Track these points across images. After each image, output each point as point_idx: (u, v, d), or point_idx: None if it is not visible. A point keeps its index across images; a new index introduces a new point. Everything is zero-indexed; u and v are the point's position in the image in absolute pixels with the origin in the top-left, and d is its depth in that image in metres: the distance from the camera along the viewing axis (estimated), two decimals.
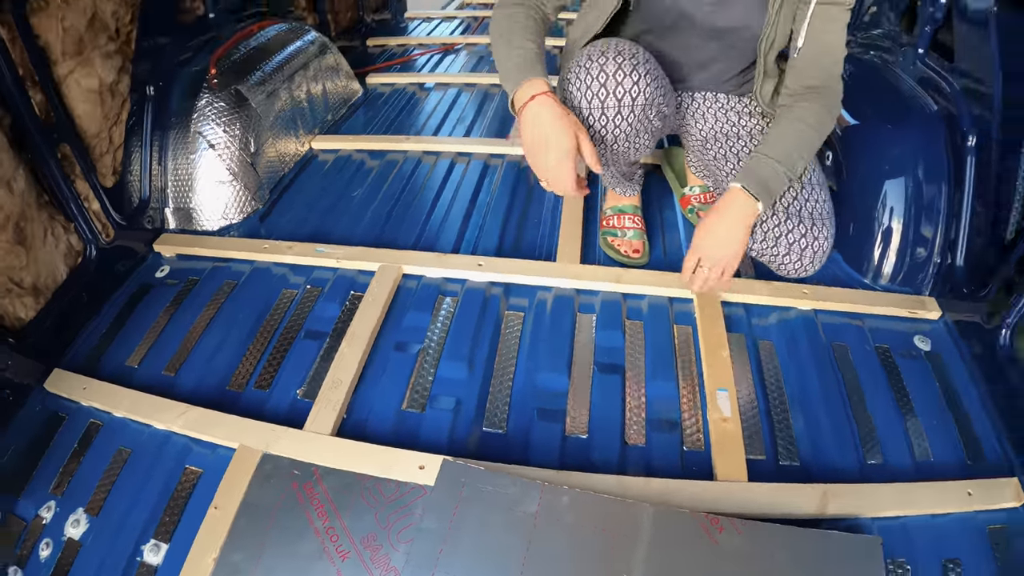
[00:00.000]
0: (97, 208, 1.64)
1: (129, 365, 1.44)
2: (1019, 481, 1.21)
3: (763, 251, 1.39)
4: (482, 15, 3.99)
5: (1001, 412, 1.34)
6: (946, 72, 1.71)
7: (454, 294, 1.54)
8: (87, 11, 1.61)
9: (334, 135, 2.34)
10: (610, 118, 1.28)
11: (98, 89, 1.65)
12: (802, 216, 1.34)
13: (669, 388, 1.33)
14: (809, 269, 1.40)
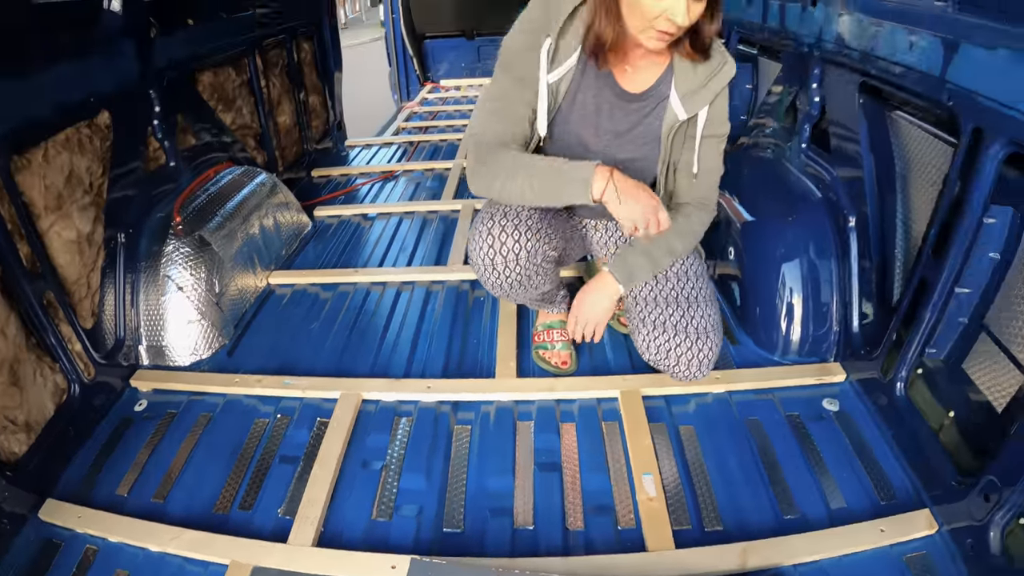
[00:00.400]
0: (79, 349, 1.82)
1: (119, 494, 1.57)
2: (930, 511, 1.41)
3: (657, 362, 1.67)
4: (417, 139, 4.37)
5: (906, 452, 1.56)
6: (825, 162, 2.04)
7: (408, 414, 1.77)
8: (64, 168, 1.83)
9: (289, 270, 2.58)
10: (500, 271, 1.58)
11: (76, 240, 1.86)
12: (688, 331, 1.63)
13: (601, 478, 1.56)
14: (697, 375, 1.67)
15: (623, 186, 1.38)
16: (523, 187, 1.45)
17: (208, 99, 2.74)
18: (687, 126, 1.55)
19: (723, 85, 1.50)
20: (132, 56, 2.15)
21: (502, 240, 1.55)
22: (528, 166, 1.45)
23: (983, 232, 1.42)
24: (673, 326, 1.63)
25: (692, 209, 1.62)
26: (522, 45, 1.47)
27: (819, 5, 2.04)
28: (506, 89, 1.51)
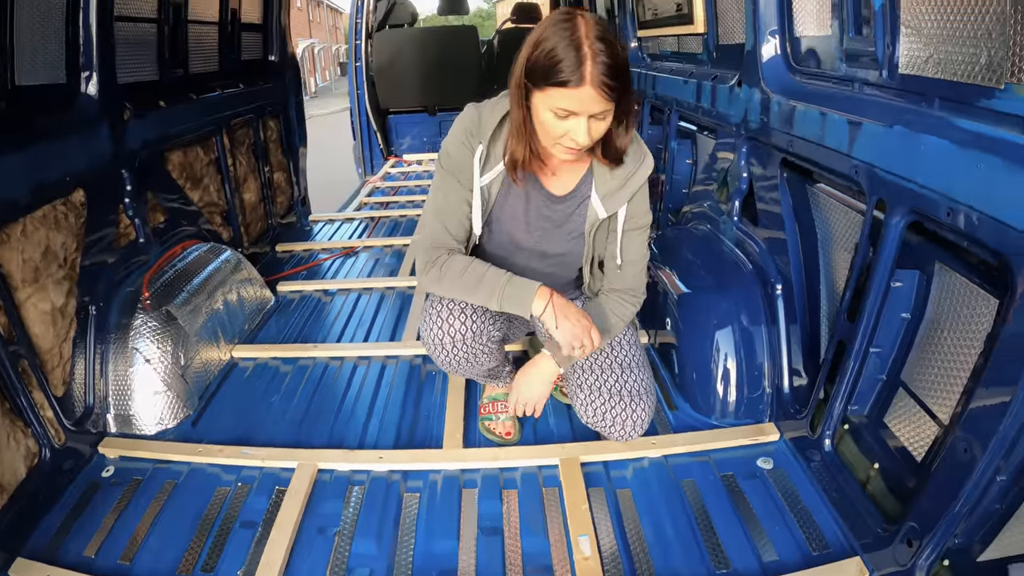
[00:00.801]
0: (51, 415, 1.92)
1: (87, 555, 1.65)
2: (861, 559, 1.52)
3: (594, 423, 1.84)
4: (378, 215, 4.57)
5: (836, 504, 1.68)
6: (754, 233, 2.23)
7: (361, 483, 1.89)
8: (41, 243, 1.96)
9: (252, 344, 2.72)
10: (448, 350, 1.76)
11: (51, 311, 1.99)
12: (622, 394, 1.81)
13: (540, 540, 1.69)
14: (632, 435, 1.83)
15: (560, 309, 1.57)
16: (465, 295, 1.64)
17: (177, 178, 2.91)
18: (609, 222, 1.71)
19: (640, 184, 1.66)
20: (107, 138, 2.31)
21: (450, 322, 1.73)
22: (474, 279, 1.61)
23: (892, 295, 1.57)
24: (608, 390, 1.81)
25: (620, 297, 1.81)
26: (458, 150, 1.63)
27: (744, 87, 2.27)
28: (447, 190, 1.68)
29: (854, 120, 1.62)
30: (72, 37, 2.19)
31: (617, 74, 1.35)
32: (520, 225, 1.75)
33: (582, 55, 1.32)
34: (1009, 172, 1.14)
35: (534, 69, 1.39)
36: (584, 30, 1.34)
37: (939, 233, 1.44)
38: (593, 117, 1.39)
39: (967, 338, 1.43)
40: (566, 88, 1.34)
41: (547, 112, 1.41)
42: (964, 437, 1.26)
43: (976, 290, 1.41)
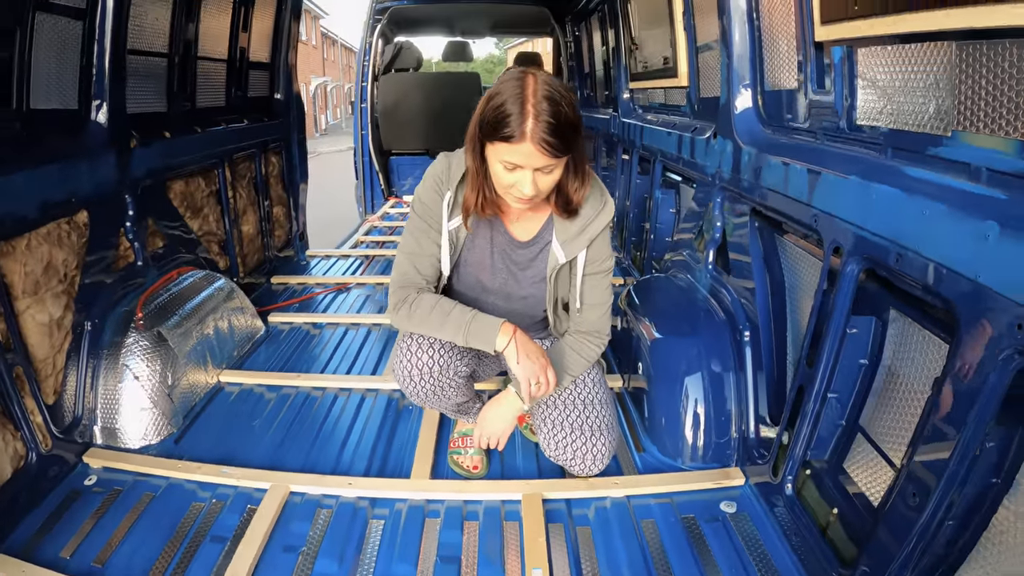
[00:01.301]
0: (40, 421, 2.02)
1: (62, 556, 1.73)
2: None
3: (556, 456, 1.94)
4: (374, 253, 4.69)
5: (795, 549, 1.71)
6: (726, 281, 2.32)
7: (330, 507, 1.98)
8: (44, 258, 2.08)
9: (239, 370, 2.83)
10: (416, 381, 1.85)
11: (48, 323, 2.10)
12: (583, 429, 1.90)
13: (496, 571, 1.73)
14: (593, 469, 1.92)
15: (523, 346, 1.67)
16: (433, 331, 1.75)
17: (178, 206, 3.04)
18: (570, 266, 1.82)
19: (599, 230, 1.75)
20: (113, 164, 2.45)
21: (418, 356, 1.83)
22: (441, 314, 1.72)
23: (848, 341, 1.62)
24: (570, 425, 1.91)
25: (583, 338, 1.90)
26: (429, 196, 1.76)
27: (719, 138, 2.38)
28: (418, 234, 1.80)
29: (814, 170, 1.71)
30: (86, 66, 2.34)
31: (559, 132, 1.43)
32: (486, 268, 1.87)
33: (525, 112, 1.42)
34: (953, 218, 1.18)
35: (485, 122, 1.49)
36: (532, 88, 1.43)
37: (891, 280, 1.48)
38: (539, 171, 1.49)
39: (920, 384, 1.47)
40: (509, 143, 1.45)
41: (497, 163, 1.52)
42: (913, 481, 1.29)
43: (928, 335, 1.45)
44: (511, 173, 1.51)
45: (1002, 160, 1.16)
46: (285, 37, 4.10)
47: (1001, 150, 1.17)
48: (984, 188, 1.18)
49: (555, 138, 1.43)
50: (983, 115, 1.22)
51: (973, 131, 1.25)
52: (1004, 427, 1.14)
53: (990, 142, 1.20)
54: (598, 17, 4.95)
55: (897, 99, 1.50)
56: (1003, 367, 1.07)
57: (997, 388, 1.09)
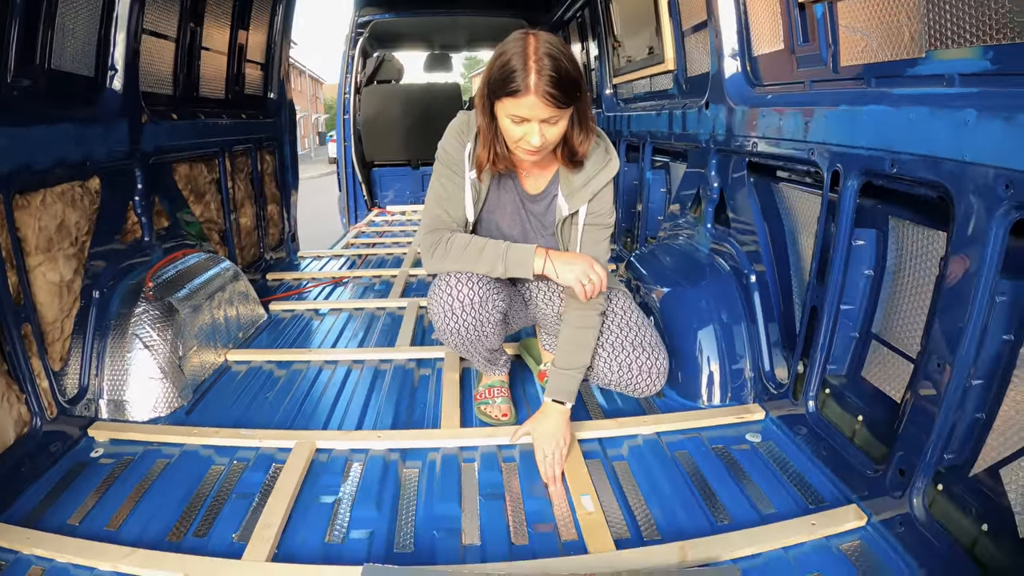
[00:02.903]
0: (46, 386, 1.85)
1: (71, 523, 1.56)
2: (858, 506, 1.53)
3: (619, 379, 1.86)
4: (366, 252, 4.54)
5: (826, 462, 1.71)
6: (728, 235, 2.33)
7: (360, 460, 1.83)
8: (57, 216, 1.96)
9: (246, 349, 2.65)
10: (458, 315, 1.77)
11: (58, 283, 1.95)
12: (644, 346, 1.84)
13: (542, 502, 1.65)
14: (657, 384, 1.87)
15: (558, 258, 1.64)
16: (471, 266, 1.72)
17: (182, 188, 2.91)
18: (573, 218, 1.79)
19: (603, 184, 1.75)
20: (125, 134, 2.36)
21: (458, 289, 1.74)
22: (476, 250, 1.70)
23: (854, 253, 1.68)
24: (631, 343, 1.84)
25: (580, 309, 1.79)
26: (451, 145, 1.76)
27: (711, 106, 2.43)
28: (444, 180, 1.79)
29: (806, 111, 1.80)
30: (104, 36, 2.28)
31: (561, 84, 1.46)
32: (505, 218, 1.88)
33: (528, 68, 1.44)
34: (936, 116, 1.31)
35: (492, 81, 1.52)
36: (533, 46, 1.46)
37: (887, 187, 1.57)
38: (545, 122, 1.51)
39: (925, 277, 1.55)
40: (515, 97, 1.47)
41: (505, 119, 1.54)
42: (935, 353, 1.33)
43: (925, 231, 1.54)
44: (519, 126, 1.53)
45: (970, 64, 1.30)
46: (279, 38, 4.03)
47: (969, 57, 1.31)
48: (959, 88, 1.32)
49: (557, 90, 1.46)
50: (950, 33, 1.36)
51: (943, 48, 1.38)
52: (1010, 280, 1.23)
53: (958, 53, 1.34)
54: (577, 24, 4.96)
55: (875, 36, 1.60)
56: (1000, 222, 1.18)
57: (998, 241, 1.19)
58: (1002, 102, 1.17)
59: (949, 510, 1.34)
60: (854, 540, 1.48)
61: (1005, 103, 1.16)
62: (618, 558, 1.42)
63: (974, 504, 1.29)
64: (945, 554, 1.29)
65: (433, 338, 2.64)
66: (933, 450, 1.33)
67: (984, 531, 1.26)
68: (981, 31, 1.28)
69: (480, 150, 1.68)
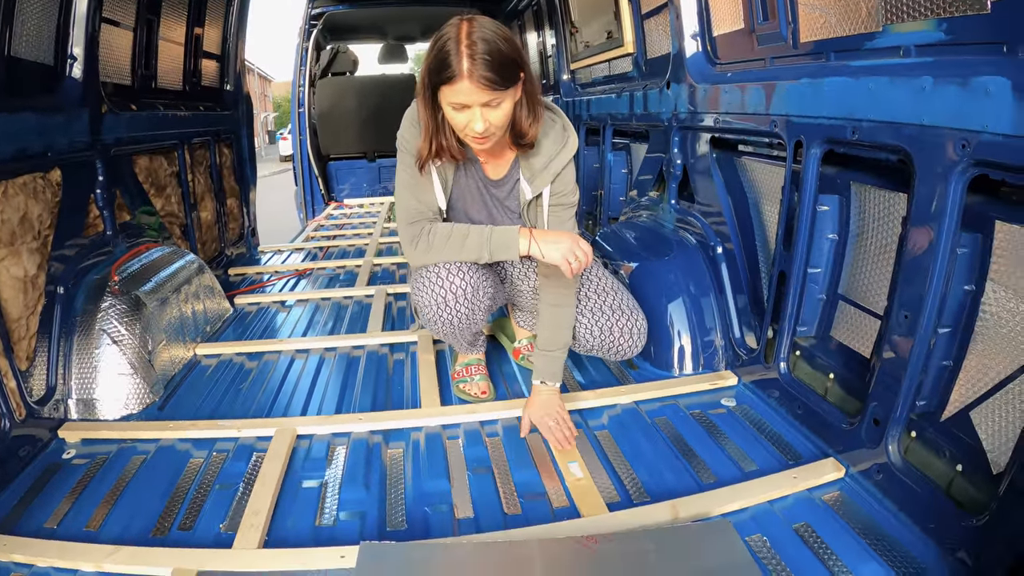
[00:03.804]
0: (14, 387, 1.76)
1: (48, 527, 1.48)
2: (835, 459, 1.58)
3: (600, 343, 1.87)
4: (327, 244, 4.45)
5: (801, 420, 1.75)
6: (693, 210, 2.36)
7: (343, 443, 1.80)
8: (20, 209, 1.87)
9: (215, 342, 2.58)
10: (451, 307, 1.74)
11: (23, 278, 1.85)
12: (623, 308, 1.86)
13: (531, 472, 1.65)
14: (638, 345, 1.89)
15: (541, 237, 1.60)
16: (457, 255, 1.67)
17: (143, 181, 2.81)
18: (537, 200, 1.76)
19: (563, 164, 1.71)
20: (86, 124, 2.27)
21: (449, 280, 1.72)
22: (460, 237, 1.66)
23: (819, 219, 1.71)
24: (610, 307, 1.86)
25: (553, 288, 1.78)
26: (410, 132, 1.70)
27: (672, 85, 2.45)
28: (410, 169, 1.72)
29: (768, 84, 1.82)
30: (63, 23, 2.18)
31: (494, 67, 1.40)
32: (472, 204, 1.85)
33: (460, 53, 1.39)
34: (895, 84, 1.36)
35: (430, 70, 1.46)
36: (466, 30, 1.41)
37: (850, 155, 1.63)
38: (486, 106, 1.46)
39: (887, 234, 1.59)
40: (451, 84, 1.42)
41: (447, 107, 1.49)
42: (903, 307, 1.38)
43: (887, 194, 1.57)
44: (461, 113, 1.48)
45: (925, 35, 1.34)
46: (235, 29, 3.91)
47: (923, 29, 1.34)
48: (916, 59, 1.35)
49: (492, 72, 1.40)
50: (905, 7, 1.39)
51: (899, 21, 1.41)
52: (969, 233, 1.29)
53: (914, 26, 1.37)
54: (532, 12, 4.91)
55: (834, 12, 1.62)
56: (959, 178, 1.23)
57: (957, 197, 1.24)
58: (956, 69, 1.22)
59: (924, 455, 1.39)
60: (834, 491, 1.52)
61: (959, 71, 1.21)
62: (612, 519, 1.43)
63: (948, 447, 1.34)
64: (923, 496, 1.33)
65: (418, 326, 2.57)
66: (905, 399, 1.38)
67: (959, 471, 1.31)
68: (935, 4, 1.31)
69: (421, 143, 1.63)
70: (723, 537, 1.29)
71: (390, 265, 3.79)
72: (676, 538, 1.31)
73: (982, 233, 1.29)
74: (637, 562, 1.24)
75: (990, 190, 1.28)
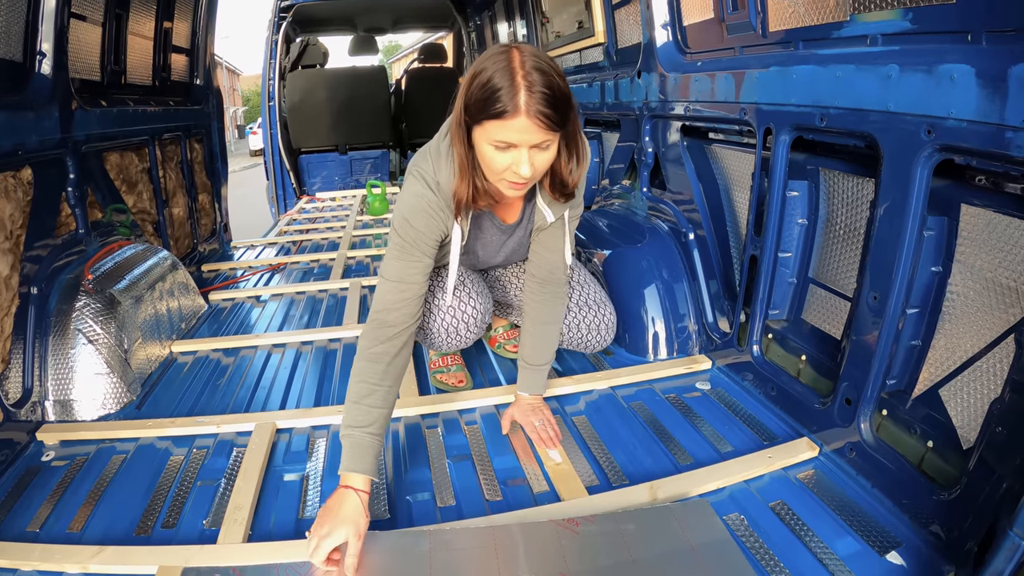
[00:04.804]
0: None
1: (30, 530, 1.46)
2: (808, 438, 1.62)
3: (570, 339, 1.90)
4: (300, 239, 4.41)
5: (773, 401, 1.79)
6: (665, 197, 2.38)
7: (322, 436, 1.79)
8: None
9: (191, 339, 2.54)
10: (461, 333, 1.79)
11: None
12: (590, 304, 1.88)
13: (510, 458, 1.66)
14: (607, 339, 1.91)
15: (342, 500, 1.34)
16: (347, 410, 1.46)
17: (114, 179, 2.76)
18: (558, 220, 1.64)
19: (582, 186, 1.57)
20: (56, 121, 2.22)
21: (462, 310, 1.75)
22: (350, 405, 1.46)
23: (788, 204, 1.74)
24: (575, 304, 1.87)
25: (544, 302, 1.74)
26: (423, 222, 1.48)
27: (643, 75, 2.46)
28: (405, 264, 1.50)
29: (737, 74, 1.85)
30: (32, 19, 2.12)
31: (554, 103, 1.23)
32: (485, 247, 1.80)
33: (516, 84, 1.21)
34: (862, 72, 1.38)
35: (472, 103, 1.27)
36: (519, 60, 1.23)
37: (818, 141, 1.66)
38: (535, 148, 1.28)
39: (856, 217, 1.61)
40: (502, 119, 1.23)
41: (487, 146, 1.29)
42: (872, 289, 1.40)
43: (855, 179, 1.61)
44: (504, 153, 1.28)
45: (892, 24, 1.36)
46: (204, 22, 3.84)
47: (890, 18, 1.36)
48: (882, 47, 1.37)
49: (551, 109, 1.22)
50: None
51: (866, 11, 1.43)
52: (936, 216, 1.32)
53: (881, 15, 1.39)
54: (503, 2, 4.90)
55: (802, 2, 1.64)
56: (925, 163, 1.26)
57: (924, 181, 1.28)
58: (921, 58, 1.24)
59: (895, 432, 1.43)
60: (809, 470, 1.55)
61: (924, 58, 1.23)
62: (591, 503, 1.44)
63: (918, 424, 1.38)
64: (896, 472, 1.36)
65: None
66: (875, 379, 1.41)
67: (930, 447, 1.35)
68: None
69: (459, 184, 1.40)
70: (701, 516, 1.32)
71: (364, 258, 3.76)
72: (656, 518, 1.34)
73: (948, 216, 1.32)
74: (618, 542, 1.26)
75: (956, 174, 1.30)
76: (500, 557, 1.25)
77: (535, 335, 1.75)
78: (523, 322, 1.77)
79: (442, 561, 1.26)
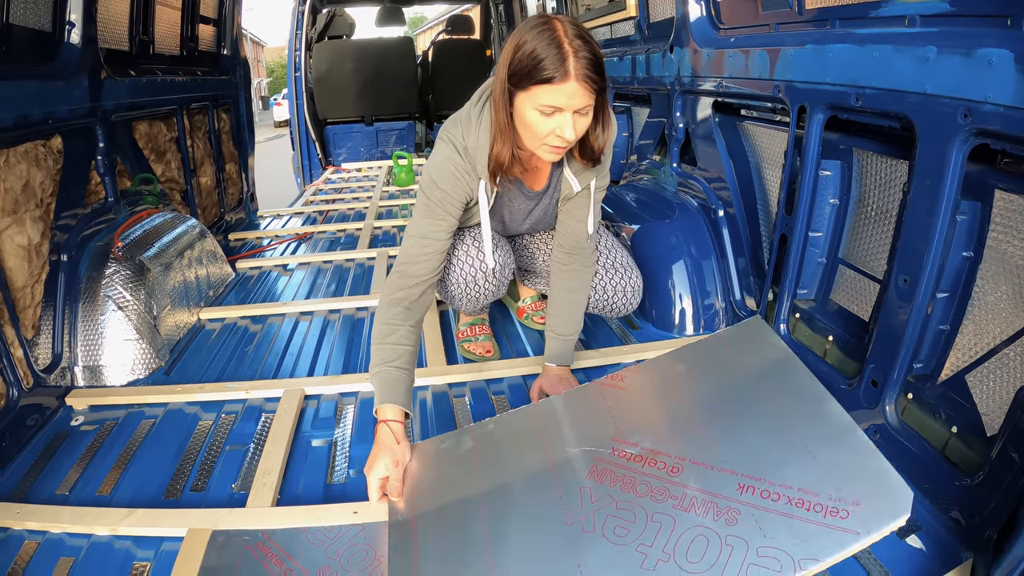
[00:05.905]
0: (20, 356, 1.74)
1: (60, 493, 1.47)
2: None
3: (596, 302, 1.88)
4: (327, 208, 4.39)
5: None
6: (695, 174, 2.35)
7: (351, 403, 1.80)
8: (23, 176, 1.83)
9: (218, 306, 2.56)
10: (480, 284, 1.77)
11: (27, 246, 1.83)
12: (616, 267, 1.87)
13: None
14: (633, 302, 1.90)
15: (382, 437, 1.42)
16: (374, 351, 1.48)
17: (143, 148, 2.78)
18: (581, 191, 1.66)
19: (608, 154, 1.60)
20: (85, 90, 2.22)
21: (480, 259, 1.73)
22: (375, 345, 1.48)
23: (820, 183, 1.71)
24: (602, 266, 1.86)
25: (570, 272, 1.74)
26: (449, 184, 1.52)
27: (676, 49, 2.42)
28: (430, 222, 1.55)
29: (772, 50, 1.81)
30: None
31: (599, 69, 1.30)
32: (512, 212, 1.82)
33: (564, 52, 1.27)
34: (899, 53, 1.35)
35: (517, 71, 1.32)
36: (562, 30, 1.29)
37: (852, 121, 1.63)
38: (578, 112, 1.33)
39: (888, 200, 1.58)
40: (551, 84, 1.28)
41: (532, 111, 1.34)
42: (902, 272, 1.38)
43: (889, 160, 1.57)
44: (549, 118, 1.33)
45: (931, 6, 1.32)
46: None
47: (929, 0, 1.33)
48: (920, 28, 1.35)
49: (596, 74, 1.30)
50: None
51: None
52: (969, 201, 1.29)
53: None
54: None
55: None
56: (959, 147, 1.23)
57: (958, 165, 1.24)
58: (960, 40, 1.21)
59: (920, 416, 1.41)
60: None
61: (962, 41, 1.20)
62: None
63: (943, 409, 1.36)
64: (919, 456, 1.34)
65: None
66: (902, 362, 1.39)
67: (954, 433, 1.32)
68: None
69: (499, 148, 1.45)
70: (757, 334, 1.23)
71: (391, 228, 3.75)
72: (708, 351, 1.24)
73: (982, 201, 1.29)
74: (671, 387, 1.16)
75: (991, 160, 1.27)
76: (546, 436, 1.20)
77: (562, 303, 1.75)
78: (550, 291, 1.79)
79: (487, 453, 1.22)
